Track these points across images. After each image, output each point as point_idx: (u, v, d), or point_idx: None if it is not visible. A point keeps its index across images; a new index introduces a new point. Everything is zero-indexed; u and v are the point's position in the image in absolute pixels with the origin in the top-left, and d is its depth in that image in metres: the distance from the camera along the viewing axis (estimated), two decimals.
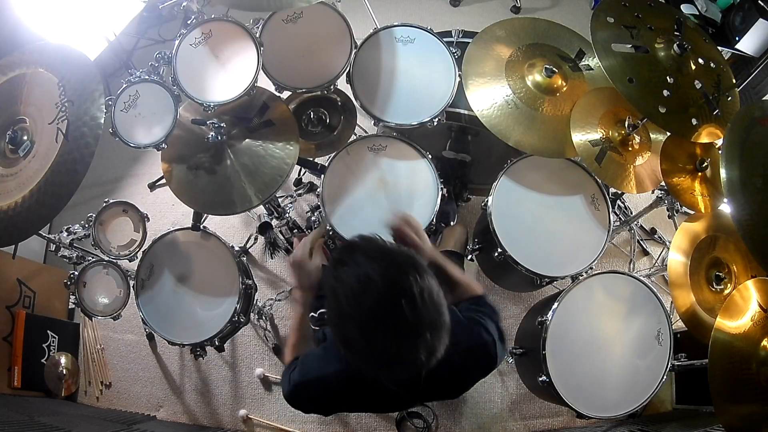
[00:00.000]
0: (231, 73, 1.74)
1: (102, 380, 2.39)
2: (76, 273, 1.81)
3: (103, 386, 2.39)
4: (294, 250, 1.32)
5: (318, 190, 1.76)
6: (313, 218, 2.22)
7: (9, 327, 2.20)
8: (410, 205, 1.74)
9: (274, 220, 2.36)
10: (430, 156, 1.79)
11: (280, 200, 2.33)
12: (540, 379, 1.59)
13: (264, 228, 2.37)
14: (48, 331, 2.32)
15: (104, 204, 1.85)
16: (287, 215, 2.28)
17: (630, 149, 1.75)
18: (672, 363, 1.62)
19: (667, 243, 2.43)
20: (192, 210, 1.81)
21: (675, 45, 1.62)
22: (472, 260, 2.20)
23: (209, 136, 1.74)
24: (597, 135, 1.72)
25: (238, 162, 1.76)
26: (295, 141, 1.77)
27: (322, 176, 1.78)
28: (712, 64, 1.71)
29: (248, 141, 1.80)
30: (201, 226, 1.85)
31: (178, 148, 1.79)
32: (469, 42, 1.87)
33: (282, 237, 2.45)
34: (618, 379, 1.61)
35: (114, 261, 1.85)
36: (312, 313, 1.28)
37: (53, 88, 1.60)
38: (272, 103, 1.84)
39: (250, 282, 1.91)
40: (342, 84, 1.90)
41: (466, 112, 1.84)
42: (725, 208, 1.75)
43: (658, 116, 1.57)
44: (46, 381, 2.26)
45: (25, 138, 1.61)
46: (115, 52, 2.70)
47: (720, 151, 1.68)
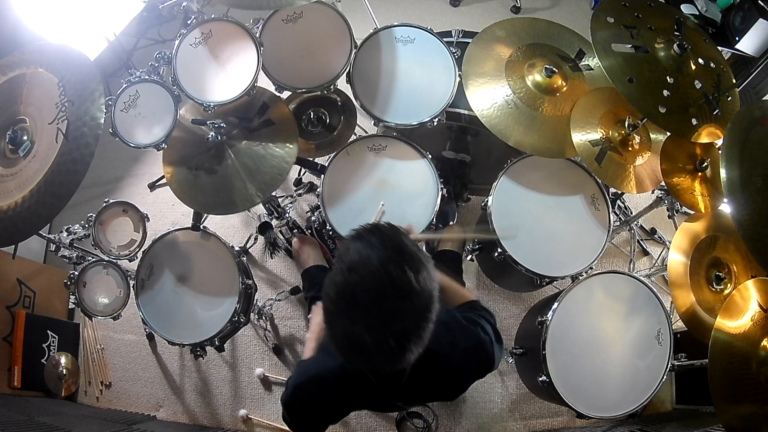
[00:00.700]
0: (231, 73, 1.74)
1: (102, 380, 2.39)
2: (76, 273, 1.80)
3: (103, 386, 2.39)
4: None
5: (318, 190, 1.76)
6: (313, 218, 2.22)
7: (9, 327, 2.20)
8: (410, 205, 1.74)
9: (274, 220, 2.36)
10: (430, 156, 1.79)
11: (280, 200, 2.33)
12: (540, 379, 1.59)
13: (264, 228, 2.37)
14: (48, 331, 2.32)
15: (104, 204, 1.85)
16: (287, 215, 2.28)
17: (630, 149, 1.76)
18: (672, 363, 1.62)
19: (667, 243, 2.43)
20: (192, 210, 1.81)
21: (675, 45, 1.62)
22: (472, 260, 2.21)
23: (209, 136, 1.74)
24: (597, 135, 1.72)
25: (239, 162, 1.76)
26: (295, 141, 1.77)
27: (322, 176, 1.78)
28: (712, 64, 1.71)
29: (248, 141, 1.79)
30: (201, 226, 1.85)
31: (179, 149, 1.79)
32: (469, 42, 1.87)
33: (282, 237, 2.44)
34: (618, 379, 1.61)
35: (114, 261, 1.85)
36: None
37: (53, 88, 1.60)
38: (272, 103, 1.84)
39: (250, 282, 1.91)
40: (342, 84, 1.90)
41: (466, 112, 1.84)
42: (725, 208, 1.75)
43: (658, 116, 1.57)
44: (46, 381, 2.26)
45: (25, 138, 1.62)
46: (115, 52, 2.70)
47: (720, 151, 1.68)
